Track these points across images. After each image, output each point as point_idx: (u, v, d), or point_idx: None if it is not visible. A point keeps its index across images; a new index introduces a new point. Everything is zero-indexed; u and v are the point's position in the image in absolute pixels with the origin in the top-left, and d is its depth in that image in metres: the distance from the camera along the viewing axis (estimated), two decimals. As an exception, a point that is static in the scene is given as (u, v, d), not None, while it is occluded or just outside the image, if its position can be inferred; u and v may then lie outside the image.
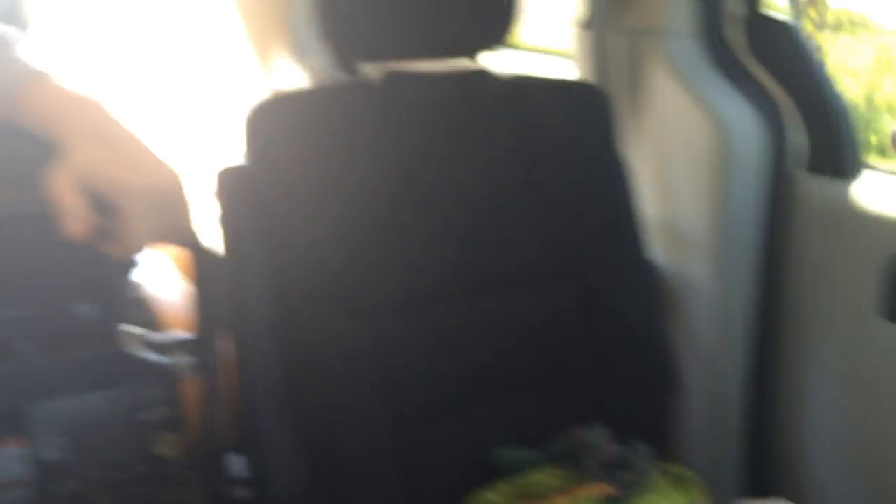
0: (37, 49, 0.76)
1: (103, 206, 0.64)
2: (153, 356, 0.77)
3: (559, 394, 1.01)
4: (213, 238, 0.81)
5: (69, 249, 0.64)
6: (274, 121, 0.87)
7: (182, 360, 0.78)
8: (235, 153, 0.89)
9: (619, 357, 1.04)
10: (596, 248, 1.03)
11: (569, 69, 1.31)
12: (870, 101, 4.60)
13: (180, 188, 0.70)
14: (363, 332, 0.88)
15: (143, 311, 0.88)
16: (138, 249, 0.67)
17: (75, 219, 0.63)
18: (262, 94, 1.82)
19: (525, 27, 1.10)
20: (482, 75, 1.00)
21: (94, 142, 0.67)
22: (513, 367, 0.98)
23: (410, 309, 0.92)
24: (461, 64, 1.00)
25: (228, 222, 0.85)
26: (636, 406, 1.04)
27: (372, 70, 0.96)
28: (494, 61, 1.02)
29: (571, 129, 1.03)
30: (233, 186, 0.86)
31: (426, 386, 0.93)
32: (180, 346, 0.79)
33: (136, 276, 0.78)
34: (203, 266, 0.75)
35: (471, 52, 1.00)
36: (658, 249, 1.17)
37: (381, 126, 0.92)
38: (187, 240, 0.73)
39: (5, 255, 0.71)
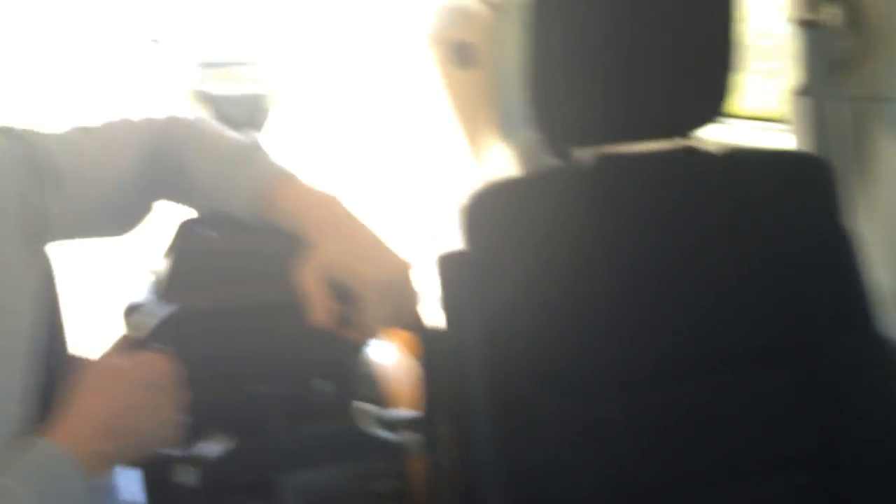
0: (279, 150, 0.86)
1: (342, 295, 0.71)
2: (383, 432, 0.83)
3: (788, 482, 0.94)
4: (435, 319, 0.87)
5: (311, 333, 0.70)
6: (489, 207, 0.91)
7: (409, 436, 0.83)
8: (451, 237, 0.94)
9: (854, 442, 0.96)
10: (822, 325, 0.96)
11: (783, 137, 1.27)
12: None
13: (409, 277, 0.75)
14: (579, 411, 0.89)
15: (374, 389, 0.94)
16: (373, 334, 0.73)
17: (319, 307, 0.70)
18: (472, 178, 1.92)
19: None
20: (693, 151, 0.99)
21: (335, 236, 0.74)
22: (737, 451, 0.94)
23: (625, 389, 0.91)
24: (672, 141, 1.00)
25: (449, 304, 0.89)
26: (875, 496, 0.95)
27: (583, 153, 0.98)
28: (705, 131, 1.01)
29: (792, 202, 0.98)
30: (452, 270, 0.91)
31: (644, 468, 0.91)
32: (408, 423, 0.85)
33: (368, 355, 0.85)
34: (427, 347, 0.80)
35: (685, 132, 0.99)
36: (893, 324, 1.08)
37: (592, 208, 0.93)
38: (415, 323, 0.78)
39: (258, 338, 0.79)
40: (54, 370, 0.69)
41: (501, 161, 1.85)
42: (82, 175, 0.76)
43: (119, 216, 0.83)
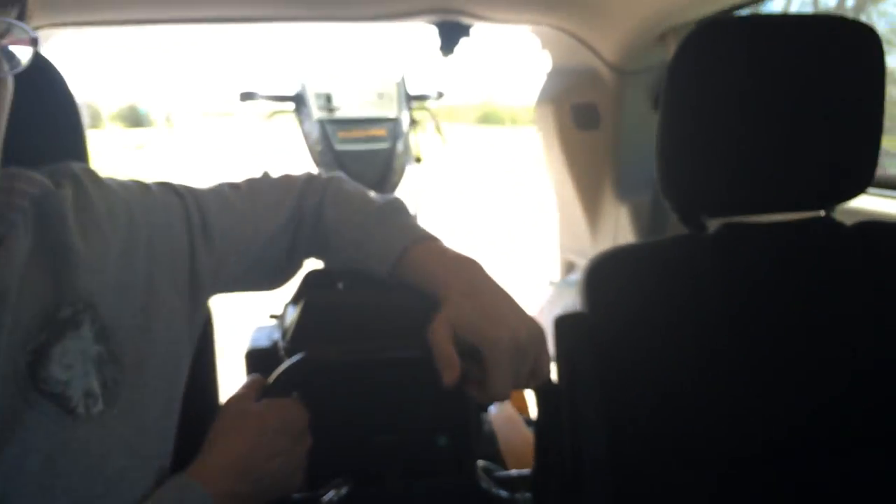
0: (418, 210, 0.89)
1: (472, 355, 0.72)
2: (498, 490, 0.83)
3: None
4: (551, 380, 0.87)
5: (437, 390, 0.72)
6: (612, 272, 0.91)
7: (523, 496, 0.83)
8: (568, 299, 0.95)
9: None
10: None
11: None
12: None
13: (542, 340, 0.75)
14: (692, 482, 0.86)
15: (492, 447, 0.95)
16: (500, 396, 0.73)
17: (448, 366, 0.71)
18: (590, 237, 1.91)
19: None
20: (828, 223, 0.96)
21: (469, 297, 0.75)
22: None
23: (738, 464, 0.88)
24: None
25: (564, 366, 0.89)
26: None
27: (713, 222, 0.96)
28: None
29: None
30: (570, 332, 0.91)
31: None
32: (521, 481, 0.85)
33: (489, 413, 0.86)
34: (542, 407, 0.80)
35: (824, 206, 0.96)
36: None
37: (717, 278, 0.91)
38: (542, 385, 0.78)
39: (383, 391, 0.82)
40: (204, 414, 0.73)
41: (620, 222, 1.84)
42: (231, 232, 0.81)
43: (267, 271, 0.88)
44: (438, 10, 1.66)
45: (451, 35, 1.74)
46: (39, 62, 0.81)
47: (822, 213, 0.97)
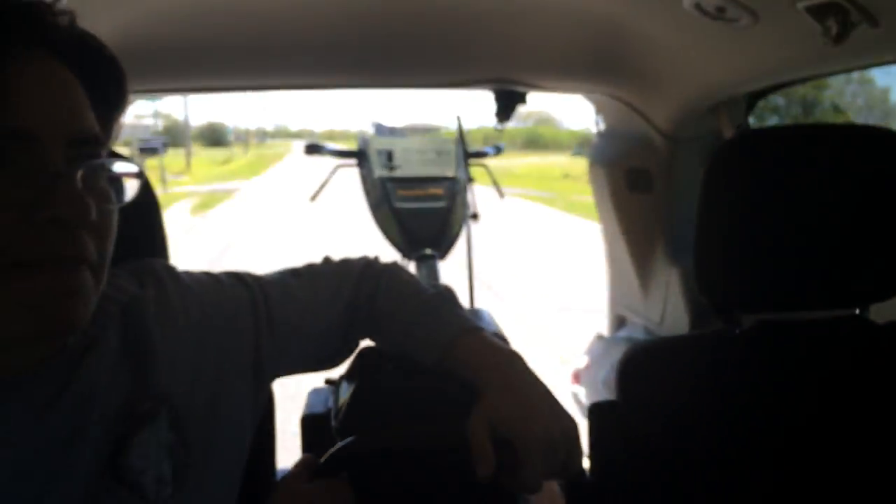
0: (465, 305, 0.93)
1: (507, 446, 0.76)
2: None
3: None
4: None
5: (474, 480, 0.76)
6: (647, 364, 0.95)
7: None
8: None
9: None
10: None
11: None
12: None
13: (575, 436, 0.79)
14: None
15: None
16: (533, 489, 0.77)
17: (484, 459, 0.76)
18: (647, 301, 1.94)
19: None
20: (858, 321, 0.98)
21: (507, 391, 0.79)
22: None
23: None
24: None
25: (596, 454, 0.93)
26: None
27: (748, 318, 0.98)
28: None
29: None
30: (602, 420, 0.95)
31: None
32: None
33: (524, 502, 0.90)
34: (577, 499, 0.85)
35: (859, 305, 0.98)
36: None
37: (750, 374, 0.94)
38: (575, 477, 0.82)
39: (425, 478, 0.87)
40: (261, 490, 0.80)
41: (671, 282, 1.87)
42: (293, 321, 0.88)
43: (324, 355, 0.94)
44: (498, 80, 1.74)
45: (508, 102, 1.81)
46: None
47: (857, 311, 0.99)
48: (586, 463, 0.90)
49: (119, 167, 0.67)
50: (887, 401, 0.93)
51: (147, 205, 0.92)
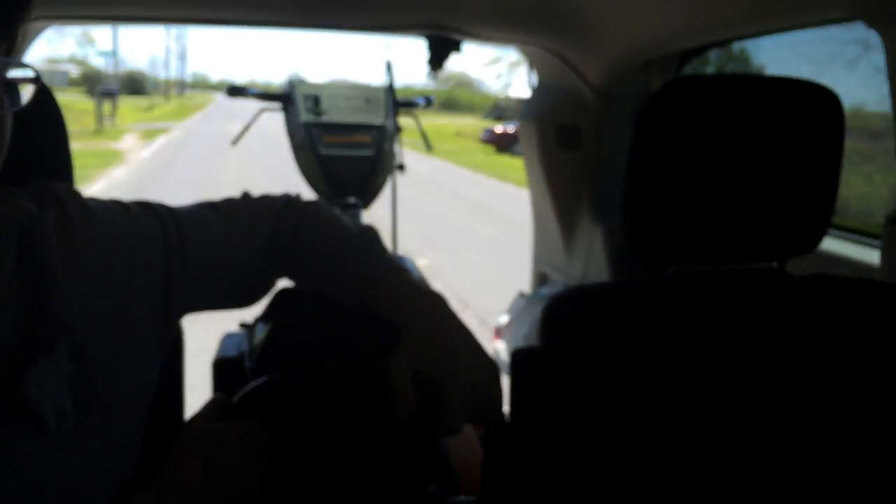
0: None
1: (428, 387, 0.75)
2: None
3: None
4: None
5: (394, 420, 0.75)
6: (572, 311, 0.95)
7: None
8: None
9: None
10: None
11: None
12: None
13: (496, 379, 0.78)
14: None
15: (444, 470, 0.98)
16: (454, 430, 0.76)
17: (404, 400, 0.75)
18: (570, 260, 1.95)
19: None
20: (777, 274, 1.00)
21: (430, 332, 0.78)
22: None
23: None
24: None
25: (517, 399, 0.92)
26: None
27: (671, 270, 0.99)
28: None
29: (872, 331, 0.98)
30: (525, 366, 0.94)
31: None
32: (469, 509, 0.89)
33: (444, 441, 0.90)
34: (495, 442, 0.84)
35: (781, 258, 1.00)
36: None
37: (672, 323, 0.94)
38: (495, 420, 0.81)
39: (341, 418, 0.85)
40: (168, 431, 0.76)
41: (594, 242, 1.89)
42: (208, 254, 0.84)
43: (240, 291, 0.90)
44: (430, 26, 1.70)
45: (441, 50, 1.77)
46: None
47: (775, 265, 1.01)
48: (507, 409, 0.90)
49: (15, 72, 0.62)
50: (802, 351, 0.95)
51: (52, 125, 0.85)
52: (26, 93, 0.64)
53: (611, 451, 0.90)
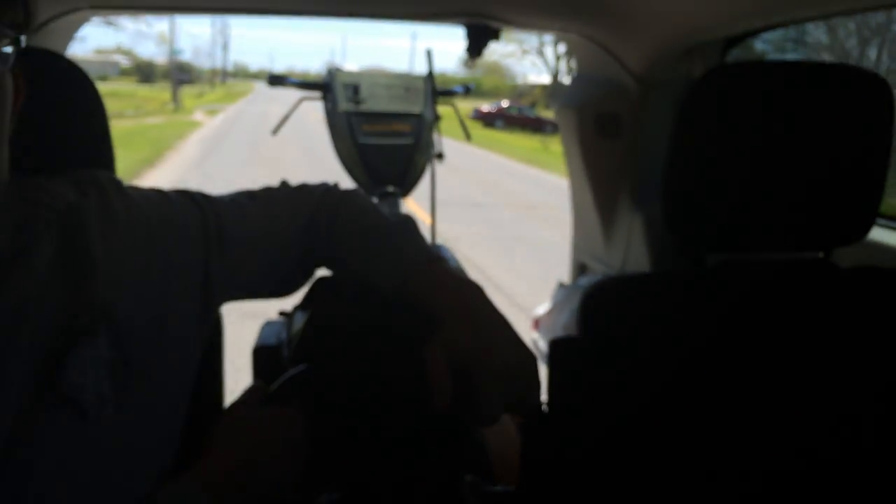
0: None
1: (465, 377, 0.75)
2: (481, 505, 0.87)
3: None
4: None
5: (430, 409, 0.75)
6: (612, 300, 0.94)
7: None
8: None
9: None
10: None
11: None
12: None
13: (535, 368, 0.78)
14: None
15: (483, 462, 0.98)
16: (490, 420, 0.76)
17: (441, 389, 0.75)
18: (609, 250, 1.93)
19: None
20: (823, 265, 0.98)
21: (467, 322, 0.77)
22: None
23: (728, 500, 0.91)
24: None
25: (555, 388, 0.92)
26: None
27: (713, 257, 0.97)
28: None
29: None
30: (564, 355, 0.93)
31: None
32: (506, 498, 0.88)
33: (481, 430, 0.89)
34: (533, 432, 0.84)
35: (823, 248, 0.97)
36: None
37: (713, 313, 0.93)
38: (533, 411, 0.80)
39: (378, 407, 0.85)
40: (208, 417, 0.77)
41: (633, 231, 1.86)
42: (246, 242, 0.85)
43: (277, 280, 0.91)
44: (469, 14, 1.68)
45: (480, 38, 1.75)
46: (66, 67, 0.85)
47: (821, 255, 0.98)
48: (545, 398, 0.89)
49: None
50: (847, 343, 0.93)
51: (93, 113, 0.87)
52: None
53: (649, 441, 0.89)
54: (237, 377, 2.63)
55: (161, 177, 10.15)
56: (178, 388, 0.77)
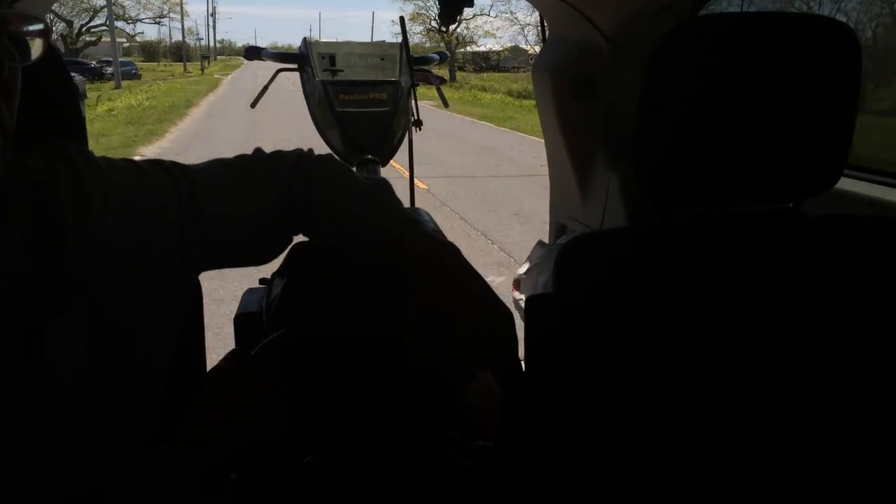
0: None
1: (442, 337, 0.76)
2: (463, 461, 0.89)
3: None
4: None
5: (407, 369, 0.76)
6: (585, 256, 0.95)
7: (485, 464, 0.89)
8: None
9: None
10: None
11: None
12: None
13: (511, 326, 0.79)
14: (659, 463, 0.91)
15: (463, 416, 1.00)
16: (467, 378, 0.77)
17: (418, 350, 0.76)
18: (587, 209, 1.95)
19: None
20: (792, 215, 0.99)
21: (442, 280, 0.78)
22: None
23: (702, 449, 0.92)
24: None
25: (532, 344, 0.93)
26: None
27: (685, 213, 0.98)
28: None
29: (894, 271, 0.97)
30: (540, 310, 0.94)
31: None
32: (485, 453, 0.90)
33: (460, 388, 0.91)
34: (511, 387, 0.85)
35: (796, 198, 0.99)
36: None
37: (686, 266, 0.93)
38: (510, 367, 0.82)
39: (356, 367, 0.86)
40: (189, 385, 0.78)
41: (611, 189, 1.88)
42: (221, 210, 0.85)
43: (254, 247, 0.91)
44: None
45: (454, 4, 1.74)
46: None
47: (791, 205, 1.00)
48: (522, 354, 0.91)
49: (23, 23, 0.63)
50: (819, 291, 0.95)
51: (61, 85, 0.86)
52: (36, 49, 0.64)
53: (625, 395, 0.91)
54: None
55: (221, 91, 22.35)
56: (158, 358, 0.78)
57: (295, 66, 2.23)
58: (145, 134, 13.58)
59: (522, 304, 2.13)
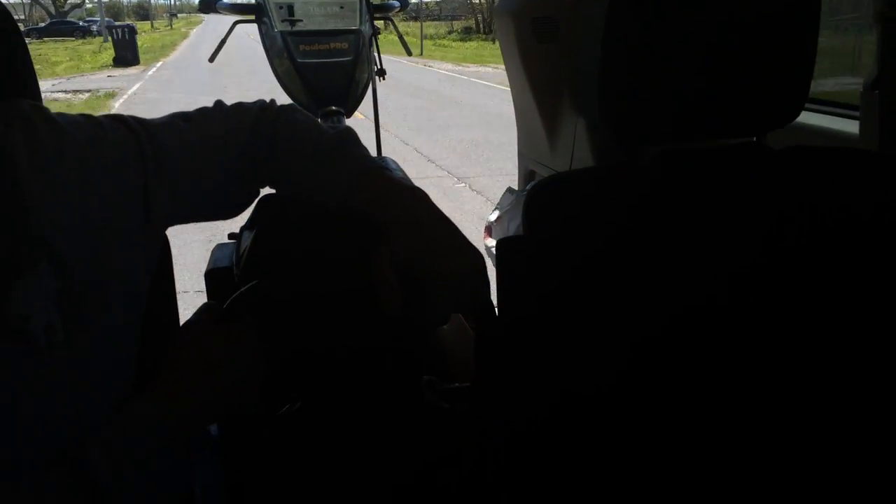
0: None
1: (413, 281, 0.76)
2: (440, 403, 0.90)
3: None
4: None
5: (381, 317, 0.77)
6: (553, 198, 0.95)
7: (463, 407, 0.90)
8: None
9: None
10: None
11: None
12: None
13: (482, 269, 0.80)
14: (630, 405, 0.93)
15: (439, 362, 1.01)
16: (440, 322, 0.78)
17: (390, 293, 0.76)
18: (554, 154, 1.94)
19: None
20: (756, 148, 1.00)
21: (413, 229, 0.79)
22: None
23: (673, 392, 0.95)
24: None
25: (503, 287, 0.94)
26: None
27: (650, 149, 0.98)
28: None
29: (856, 200, 0.99)
30: (510, 255, 0.95)
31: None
32: (463, 394, 0.92)
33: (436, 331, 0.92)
34: (484, 329, 0.86)
35: (756, 132, 1.00)
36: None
37: (654, 204, 0.95)
38: (483, 309, 0.83)
39: (330, 317, 0.87)
40: (163, 339, 0.78)
41: (578, 133, 1.87)
42: (185, 164, 0.84)
43: (221, 201, 0.90)
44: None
45: None
46: None
47: (754, 139, 1.01)
48: (494, 297, 0.92)
49: None
50: (784, 222, 0.97)
51: (7, 40, 0.83)
52: None
53: (598, 332, 0.92)
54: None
55: (192, 40, 33.34)
56: (129, 313, 0.78)
57: (252, 17, 2.18)
58: (158, 55, 25.74)
59: (494, 251, 2.14)
